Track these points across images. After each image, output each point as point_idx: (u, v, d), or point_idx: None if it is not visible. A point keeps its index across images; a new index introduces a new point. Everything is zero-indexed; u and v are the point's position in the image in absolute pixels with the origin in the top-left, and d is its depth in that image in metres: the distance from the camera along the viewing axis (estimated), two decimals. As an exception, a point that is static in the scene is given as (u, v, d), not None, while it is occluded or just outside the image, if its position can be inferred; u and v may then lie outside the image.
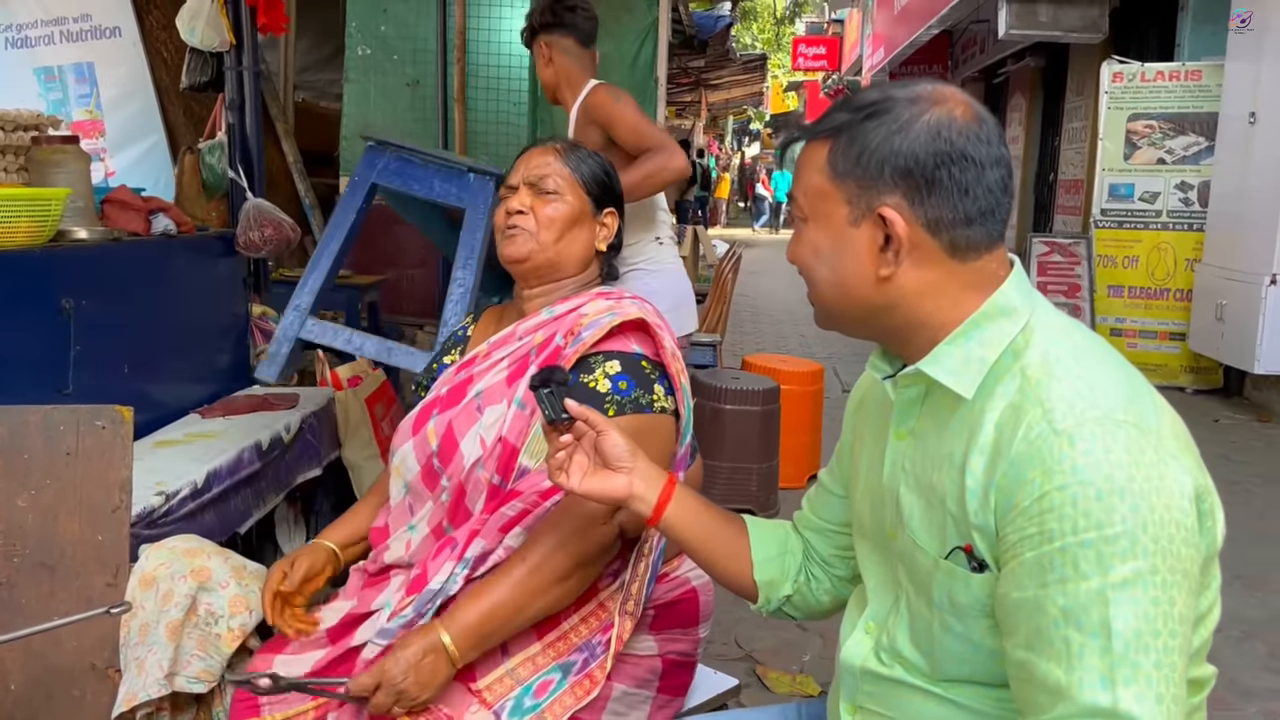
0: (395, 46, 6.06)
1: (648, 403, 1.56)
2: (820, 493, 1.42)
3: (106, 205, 2.99)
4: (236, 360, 3.49)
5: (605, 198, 1.75)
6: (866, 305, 1.11)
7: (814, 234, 1.13)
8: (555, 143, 1.76)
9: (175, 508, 2.40)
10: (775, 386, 4.28)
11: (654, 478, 1.33)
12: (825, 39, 21.57)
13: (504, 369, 1.66)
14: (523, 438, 1.57)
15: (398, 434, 1.72)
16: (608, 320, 1.59)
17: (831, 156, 1.10)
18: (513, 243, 1.67)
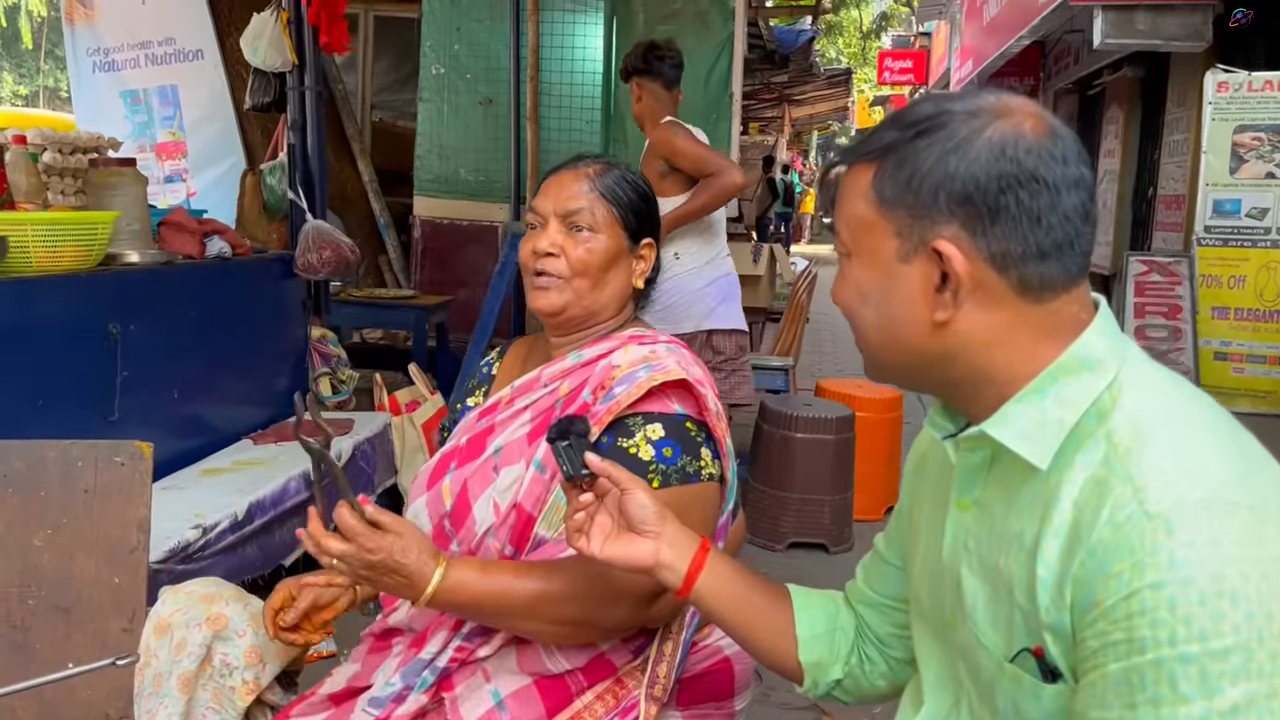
0: (469, 65, 6.03)
1: (695, 470, 1.38)
2: (876, 562, 1.24)
3: (163, 228, 2.97)
4: (294, 384, 3.43)
5: (643, 228, 1.56)
6: (921, 354, 0.95)
7: (859, 272, 0.97)
8: (587, 165, 1.54)
9: (213, 540, 2.33)
10: (850, 414, 4.07)
11: (684, 543, 1.18)
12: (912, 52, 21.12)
13: (525, 423, 1.50)
14: (540, 505, 1.42)
15: (414, 485, 1.58)
16: (644, 377, 1.40)
17: (878, 182, 0.94)
18: (545, 294, 1.48)
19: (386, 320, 5.13)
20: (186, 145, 6.20)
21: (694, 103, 5.93)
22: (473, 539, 1.44)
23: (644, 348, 1.48)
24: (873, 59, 30.56)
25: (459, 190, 6.15)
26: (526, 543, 1.41)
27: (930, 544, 1.06)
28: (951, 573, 0.99)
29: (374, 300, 5.00)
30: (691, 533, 1.20)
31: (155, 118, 6.21)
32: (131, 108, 6.22)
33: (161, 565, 2.12)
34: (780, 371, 4.48)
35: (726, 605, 1.19)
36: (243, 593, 1.77)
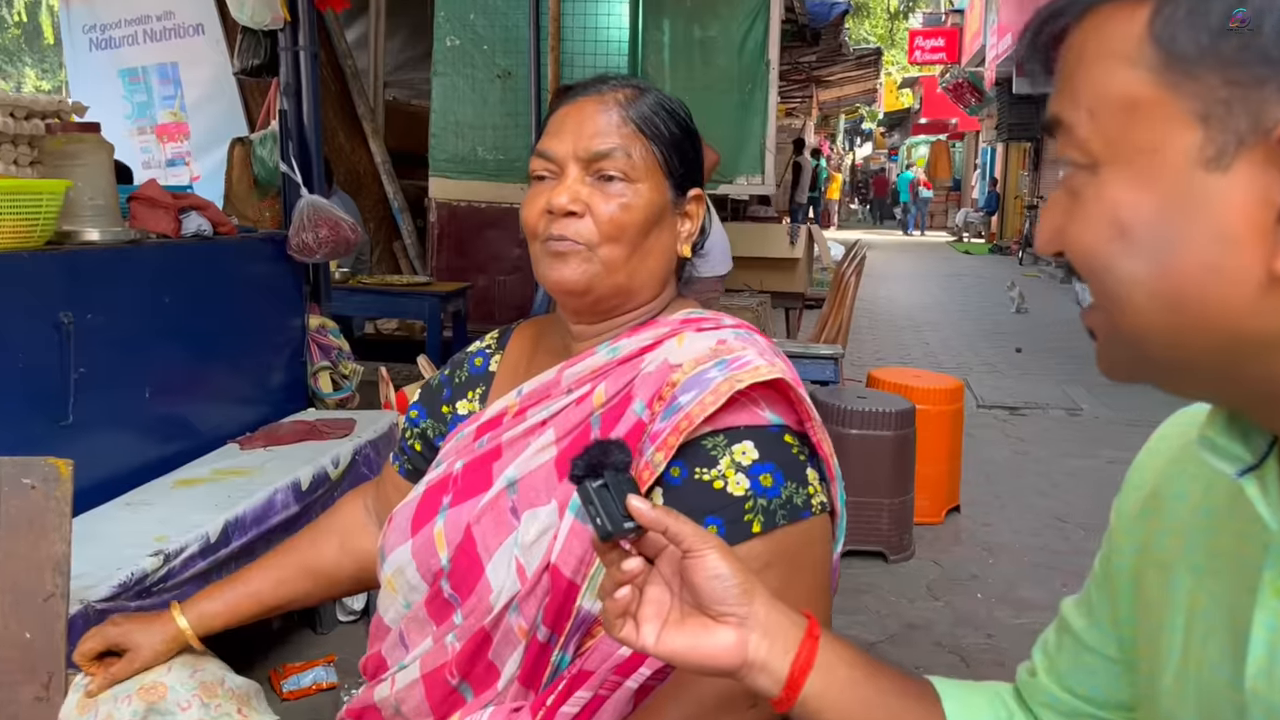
0: (485, 36, 5.64)
1: (804, 501, 1.00)
2: (1070, 646, 0.84)
3: (133, 204, 2.60)
4: (290, 380, 3.06)
5: (689, 173, 1.13)
6: (1234, 336, 0.55)
7: (1118, 191, 0.57)
8: (614, 89, 1.11)
9: (178, 569, 1.95)
10: (910, 407, 3.66)
11: (783, 629, 0.78)
12: (944, 30, 20.53)
13: (548, 445, 1.08)
14: (585, 567, 1.01)
15: (390, 527, 1.18)
16: (720, 379, 1.00)
17: (1161, 26, 0.54)
18: (562, 264, 1.07)
19: (400, 309, 4.76)
20: (189, 126, 5.85)
21: (728, 72, 5.53)
22: (487, 612, 1.04)
23: (706, 336, 1.08)
24: (900, 41, 29.96)
25: (477, 170, 5.77)
26: (568, 621, 1.01)
27: (1200, 646, 0.66)
28: (1271, 711, 0.59)
29: (386, 288, 4.63)
30: (791, 613, 0.80)
31: (155, 97, 5.86)
32: (130, 87, 5.88)
33: (109, 603, 1.75)
34: (829, 361, 4.07)
35: (848, 716, 0.79)
36: (195, 653, 1.37)
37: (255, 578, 1.32)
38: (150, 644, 1.27)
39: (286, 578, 1.32)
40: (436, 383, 1.30)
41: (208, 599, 1.31)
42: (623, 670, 0.99)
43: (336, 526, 1.36)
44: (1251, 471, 0.61)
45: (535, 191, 1.10)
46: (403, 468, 1.31)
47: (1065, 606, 0.86)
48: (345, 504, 1.39)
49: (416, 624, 1.12)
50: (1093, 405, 6.36)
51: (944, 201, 29.47)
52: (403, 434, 1.33)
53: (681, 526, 0.76)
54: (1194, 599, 0.68)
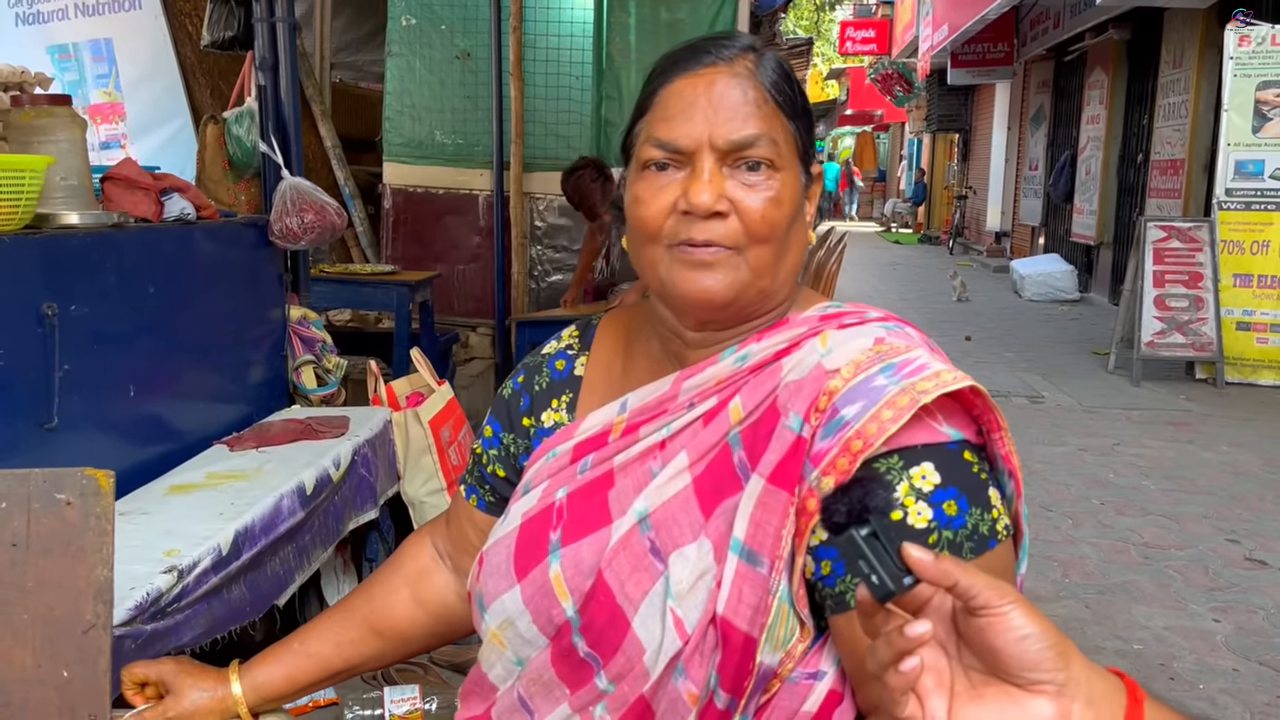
0: (443, 15, 5.42)
1: (989, 529, 0.85)
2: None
3: (108, 185, 2.38)
4: (271, 375, 2.86)
5: (811, 146, 0.97)
6: None
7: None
8: (742, 49, 0.94)
9: (192, 586, 1.77)
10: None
11: (1107, 697, 0.64)
12: (874, 21, 20.67)
13: (680, 471, 0.92)
14: (761, 616, 0.85)
15: (485, 569, 1.01)
16: (895, 389, 0.85)
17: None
18: (707, 273, 0.91)
19: (363, 300, 4.54)
20: (124, 107, 5.51)
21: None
22: (643, 676, 0.88)
23: (856, 333, 0.93)
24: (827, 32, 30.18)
25: (434, 155, 5.55)
26: (748, 680, 0.85)
27: None
28: None
29: (350, 277, 4.41)
30: (1107, 674, 0.66)
31: (88, 76, 5.50)
32: (60, 64, 5.51)
33: (125, 628, 1.56)
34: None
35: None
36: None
37: (315, 639, 1.17)
38: (193, 699, 1.13)
39: (352, 638, 1.16)
40: (510, 392, 1.14)
41: (264, 665, 1.16)
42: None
43: (403, 575, 1.20)
44: None
45: (656, 185, 0.93)
46: (481, 501, 1.15)
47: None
48: (410, 548, 1.23)
49: (543, 688, 0.96)
50: (1052, 393, 6.41)
51: (870, 192, 29.83)
52: (476, 460, 1.16)
53: (974, 579, 0.63)
54: None
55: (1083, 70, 11.80)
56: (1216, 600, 3.30)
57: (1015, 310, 10.37)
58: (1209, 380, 6.63)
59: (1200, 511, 4.18)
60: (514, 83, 5.29)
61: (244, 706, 1.13)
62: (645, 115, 0.96)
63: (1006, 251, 15.25)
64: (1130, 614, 3.19)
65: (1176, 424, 5.63)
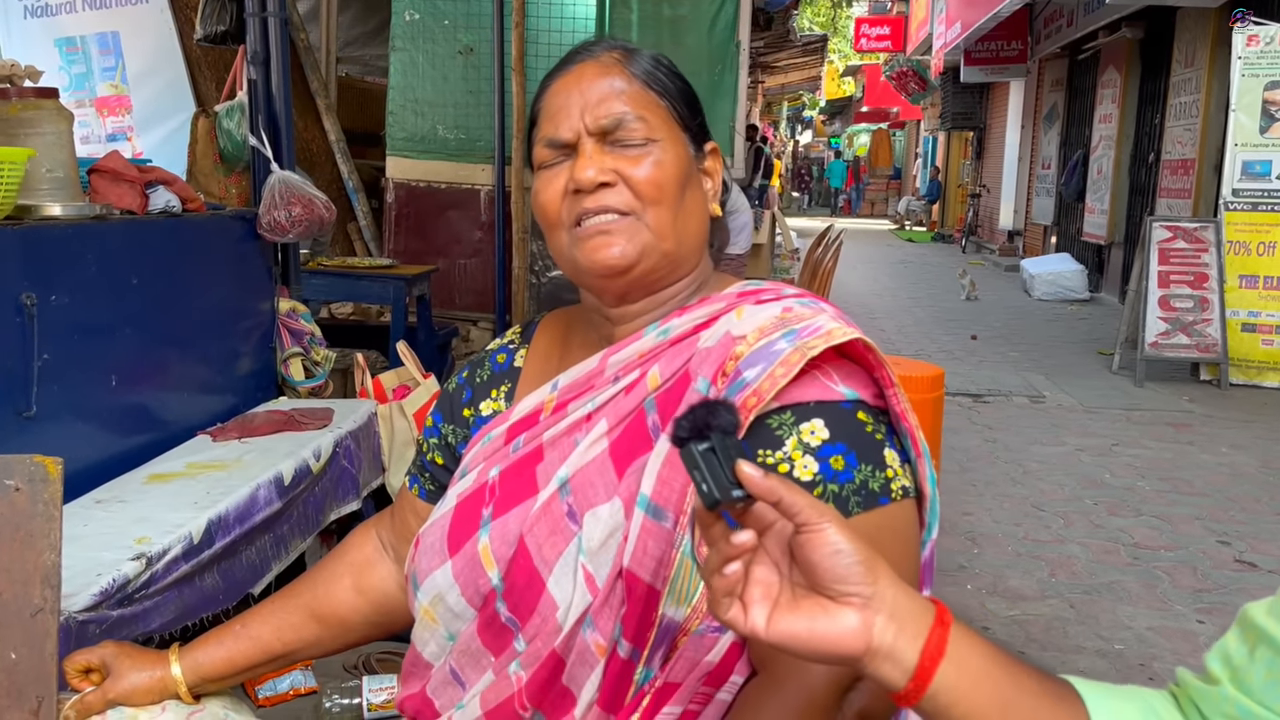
0: (446, 10, 5.45)
1: (881, 487, 0.90)
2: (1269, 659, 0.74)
3: (94, 176, 2.40)
4: (259, 367, 2.89)
5: (703, 126, 1.05)
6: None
7: None
8: (608, 48, 1.03)
9: (161, 573, 1.79)
10: (894, 395, 3.59)
11: (911, 613, 0.70)
12: (889, 18, 20.61)
13: (600, 436, 0.97)
14: (665, 568, 0.89)
15: (421, 551, 1.05)
16: (787, 348, 0.90)
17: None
18: (608, 242, 0.97)
19: (361, 293, 4.57)
20: (130, 99, 5.56)
21: (698, 52, 5.40)
22: (555, 632, 0.92)
23: (769, 306, 0.97)
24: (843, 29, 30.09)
25: (436, 150, 5.58)
26: (650, 631, 0.89)
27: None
28: None
29: (348, 271, 4.44)
30: (918, 595, 0.71)
31: (95, 68, 5.56)
32: (68, 57, 5.58)
33: (91, 613, 1.59)
34: (809, 347, 3.98)
35: (982, 713, 0.69)
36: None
37: (256, 623, 1.20)
38: (132, 680, 1.15)
39: (293, 623, 1.19)
40: (454, 386, 1.18)
41: (204, 646, 1.18)
42: (713, 681, 0.89)
43: (346, 564, 1.23)
44: None
45: (548, 178, 1.00)
46: (423, 490, 1.18)
47: (1255, 614, 0.76)
48: (355, 538, 1.26)
49: (469, 657, 1.00)
50: (1053, 392, 6.39)
51: (884, 189, 29.74)
52: (419, 451, 1.21)
53: (796, 497, 0.68)
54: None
55: (1096, 69, 11.74)
56: (1203, 601, 3.30)
57: (1024, 309, 10.33)
58: (1213, 381, 6.60)
59: (1194, 513, 4.17)
60: (516, 78, 5.32)
61: (183, 686, 1.16)
62: (535, 127, 1.03)
63: (1019, 250, 15.19)
64: (1115, 614, 3.19)
65: (1177, 425, 5.61)
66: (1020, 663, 0.74)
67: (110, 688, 1.16)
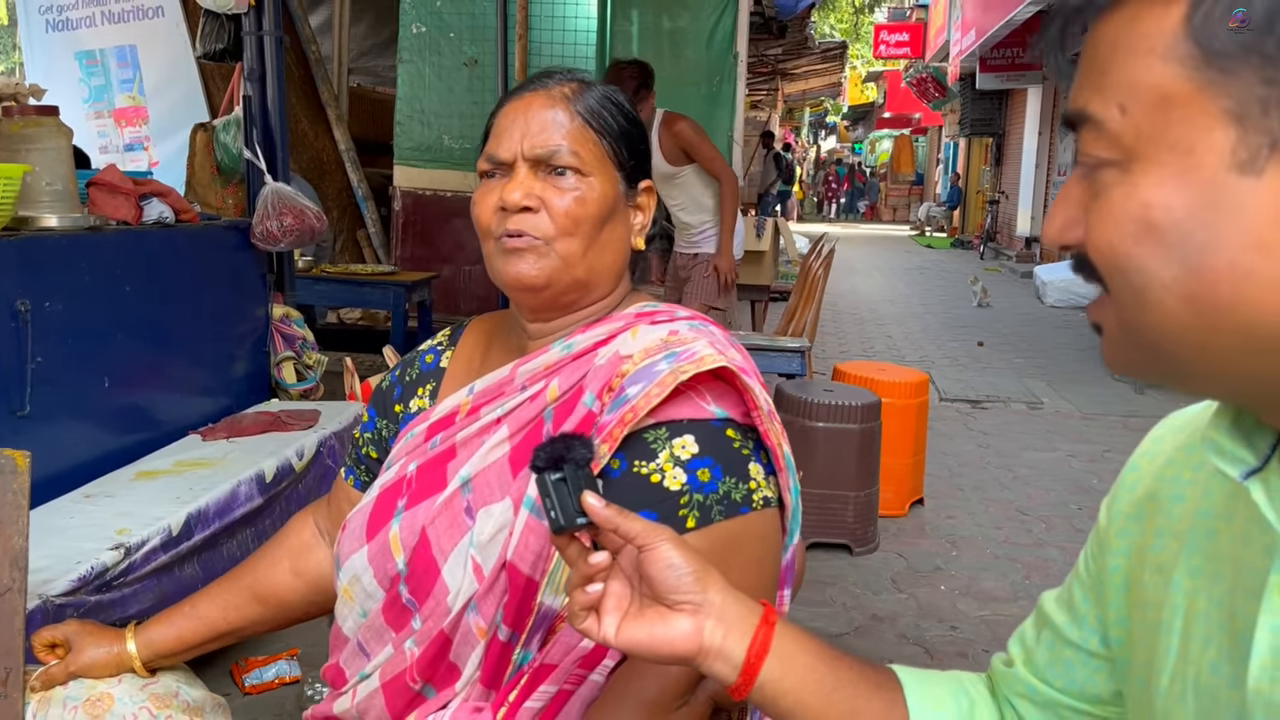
0: (452, 23, 5.58)
1: (744, 497, 0.99)
2: (1050, 640, 0.84)
3: (92, 190, 2.54)
4: (253, 370, 3.02)
5: (640, 165, 1.13)
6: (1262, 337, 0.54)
7: (1148, 190, 0.55)
8: (559, 84, 1.10)
9: (139, 563, 1.91)
10: (876, 401, 3.68)
11: (737, 615, 0.78)
12: (908, 25, 20.63)
13: (502, 441, 1.07)
14: (544, 562, 1.00)
15: (345, 534, 1.16)
16: (667, 370, 0.99)
17: (1198, 21, 0.53)
18: (519, 260, 1.06)
19: (364, 299, 4.71)
20: (148, 110, 5.73)
21: (697, 64, 5.51)
22: (445, 614, 1.02)
23: (659, 328, 1.07)
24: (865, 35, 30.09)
25: (442, 159, 5.71)
26: (529, 618, 1.00)
27: (1200, 648, 0.66)
28: (1271, 710, 0.59)
29: (350, 277, 4.57)
30: (746, 599, 0.80)
31: (113, 80, 5.74)
32: (87, 70, 5.76)
33: (68, 598, 1.71)
34: (796, 354, 4.08)
35: (806, 704, 0.78)
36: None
37: (204, 603, 1.31)
38: (92, 655, 1.26)
39: (236, 603, 1.30)
40: (387, 384, 1.28)
41: (157, 625, 1.30)
42: (586, 663, 0.99)
43: (286, 548, 1.33)
44: (1255, 474, 0.61)
45: (486, 189, 1.09)
46: (358, 480, 1.28)
47: (1046, 601, 0.86)
48: (295, 524, 1.37)
49: (374, 632, 1.10)
50: (1053, 399, 6.43)
51: (906, 195, 29.70)
52: (355, 444, 1.31)
53: (631, 524, 0.78)
54: (1192, 601, 0.68)
55: (1110, 76, 11.71)
56: (1174, 605, 3.35)
57: (1034, 316, 10.35)
58: (1215, 389, 6.60)
59: (1178, 519, 4.21)
60: (519, 89, 5.43)
61: (138, 661, 1.27)
62: (486, 141, 1.12)
63: (1036, 257, 15.16)
64: (1085, 616, 3.24)
65: (1174, 432, 5.63)
66: (843, 654, 0.83)
67: (72, 661, 1.27)
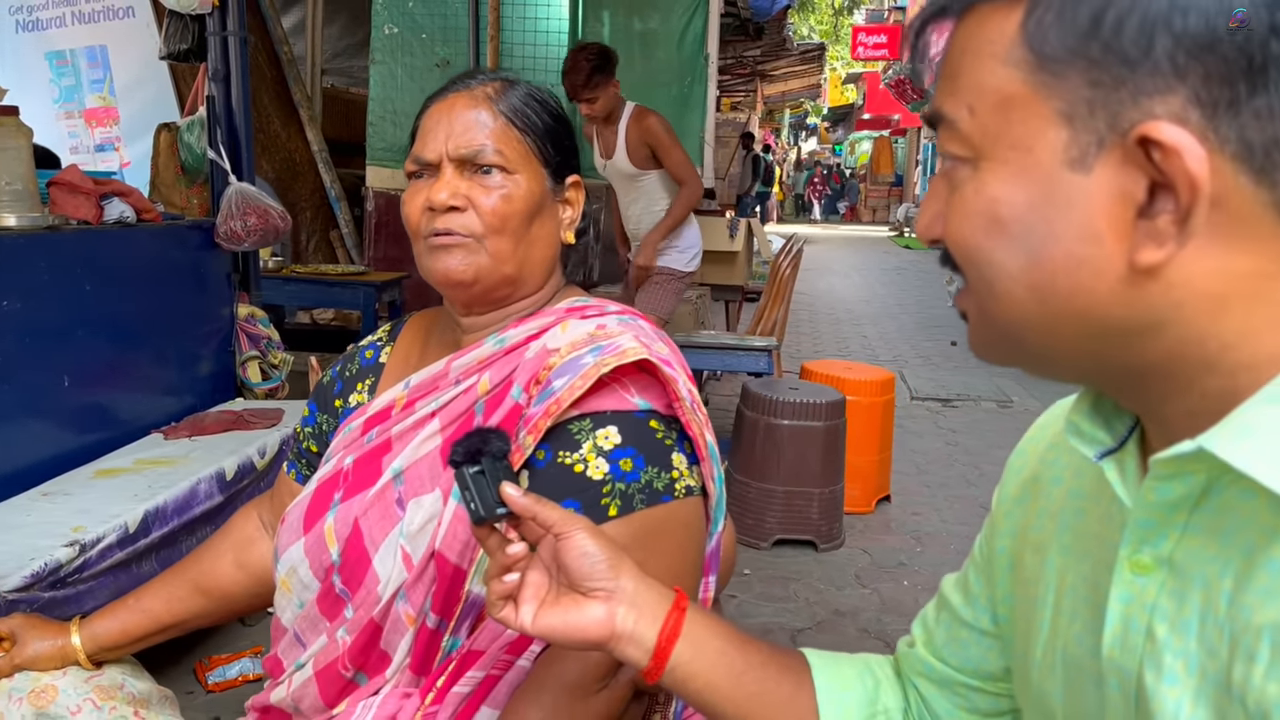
0: (424, 24, 5.60)
1: (666, 485, 1.02)
2: (947, 620, 0.87)
3: (53, 189, 2.55)
4: (218, 369, 3.03)
5: (566, 161, 1.16)
6: (1098, 324, 0.58)
7: (995, 185, 0.59)
8: (482, 84, 1.12)
9: (94, 560, 1.92)
10: (840, 399, 3.72)
11: (648, 602, 0.81)
12: (886, 27, 20.75)
13: (434, 434, 1.09)
14: (472, 552, 1.02)
15: (284, 527, 1.17)
16: (591, 363, 1.02)
17: (1032, 28, 0.56)
18: (448, 257, 1.08)
19: (335, 299, 4.70)
20: (118, 111, 5.72)
21: (668, 65, 5.55)
22: (375, 603, 1.04)
23: (588, 322, 1.09)
24: (845, 36, 30.20)
25: (415, 160, 5.71)
26: (456, 605, 1.02)
27: (1067, 620, 0.69)
28: (1122, 675, 0.62)
29: (320, 277, 4.58)
30: (658, 586, 0.83)
31: (84, 81, 5.72)
32: (58, 70, 5.74)
33: (22, 594, 1.72)
34: (763, 353, 4.11)
35: (716, 685, 0.81)
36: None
37: (148, 596, 1.32)
38: (36, 648, 1.27)
39: (179, 595, 1.31)
40: (328, 379, 1.30)
41: (101, 618, 1.30)
42: (514, 649, 1.01)
43: (229, 542, 1.35)
44: (1111, 455, 0.64)
45: (414, 190, 1.11)
46: (300, 474, 1.30)
47: (945, 584, 0.89)
48: (239, 518, 1.39)
49: (310, 622, 1.12)
50: (1022, 398, 6.50)
51: (885, 196, 29.85)
52: (296, 439, 1.33)
53: (549, 512, 0.80)
54: (1063, 578, 0.71)
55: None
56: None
57: (1009, 316, 10.43)
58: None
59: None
60: (491, 90, 5.45)
61: (82, 654, 1.28)
62: (413, 141, 1.14)
63: (1012, 257, 15.26)
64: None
65: (1140, 430, 5.70)
66: (753, 639, 0.86)
67: (17, 654, 1.28)
